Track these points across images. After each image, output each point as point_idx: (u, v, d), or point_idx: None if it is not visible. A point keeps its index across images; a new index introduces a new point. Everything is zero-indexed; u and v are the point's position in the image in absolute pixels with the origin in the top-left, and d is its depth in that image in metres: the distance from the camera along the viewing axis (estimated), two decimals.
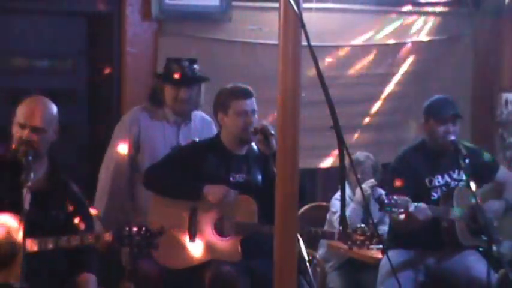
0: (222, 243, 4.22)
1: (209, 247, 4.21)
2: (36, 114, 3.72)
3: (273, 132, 4.18)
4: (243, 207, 4.25)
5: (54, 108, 3.81)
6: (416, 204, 4.34)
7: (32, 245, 3.50)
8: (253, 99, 4.37)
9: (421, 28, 6.52)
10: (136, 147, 4.65)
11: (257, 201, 4.27)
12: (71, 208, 3.76)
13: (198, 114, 4.83)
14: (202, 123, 4.83)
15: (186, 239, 4.22)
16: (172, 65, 4.68)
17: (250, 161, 4.40)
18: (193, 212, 4.24)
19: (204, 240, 4.22)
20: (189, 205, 4.26)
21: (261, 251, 4.13)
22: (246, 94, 4.36)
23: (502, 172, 4.87)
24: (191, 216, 4.23)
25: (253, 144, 4.46)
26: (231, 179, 4.34)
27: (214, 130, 4.78)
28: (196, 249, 4.20)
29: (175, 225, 4.22)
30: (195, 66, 4.71)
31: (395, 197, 4.30)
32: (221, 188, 4.25)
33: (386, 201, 4.29)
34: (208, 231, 4.23)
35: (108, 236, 3.61)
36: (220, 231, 4.24)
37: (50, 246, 3.55)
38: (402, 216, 4.31)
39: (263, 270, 3.97)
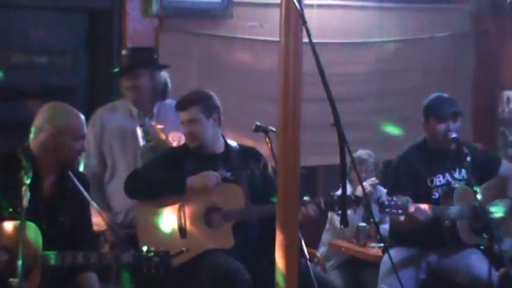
0: (214, 233, 4.24)
1: (201, 239, 4.23)
2: (84, 124, 3.77)
3: (273, 129, 4.17)
4: (229, 195, 4.27)
5: None
6: (416, 205, 4.32)
7: (48, 259, 3.51)
8: (190, 109, 4.32)
9: (422, 25, 6.51)
10: (100, 145, 4.65)
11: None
12: (78, 215, 3.77)
13: (167, 104, 4.73)
14: (173, 111, 4.71)
15: (177, 237, 4.22)
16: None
17: (231, 158, 4.39)
18: (181, 209, 4.24)
19: (195, 234, 4.24)
20: (175, 203, 4.26)
21: (253, 234, 4.24)
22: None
23: (505, 166, 4.85)
24: (179, 214, 4.24)
25: (231, 142, 4.48)
26: None
27: None
28: (188, 244, 4.19)
29: (165, 227, 4.23)
30: (138, 53, 4.70)
31: (395, 198, 4.29)
32: (204, 174, 4.25)
33: (386, 202, 4.27)
34: (198, 225, 4.24)
35: (127, 257, 3.61)
36: (209, 222, 4.25)
37: (68, 261, 3.55)
38: (402, 218, 4.30)
39: (260, 259, 4.02)
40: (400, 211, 4.28)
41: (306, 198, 4.31)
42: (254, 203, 4.27)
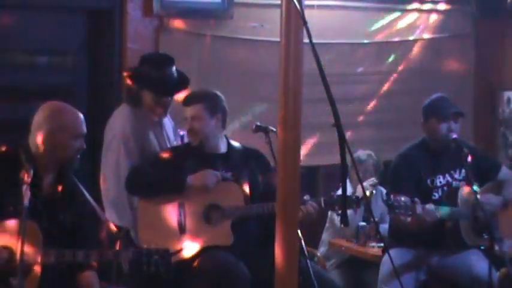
0: (213, 230, 4.26)
1: (200, 237, 4.25)
2: (82, 122, 3.77)
3: (274, 129, 4.18)
4: (228, 193, 4.30)
5: None
6: (423, 205, 4.32)
7: (48, 257, 3.51)
8: (194, 105, 4.33)
9: (423, 26, 6.52)
10: (140, 152, 4.55)
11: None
12: (78, 213, 3.77)
13: None
14: None
15: (176, 233, 4.25)
16: (151, 70, 4.48)
17: (232, 159, 4.40)
18: (181, 206, 4.26)
19: (195, 231, 4.26)
20: (175, 201, 4.28)
21: (253, 233, 4.28)
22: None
23: (504, 172, 4.85)
24: (179, 211, 4.26)
25: (234, 142, 4.49)
26: None
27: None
28: (187, 241, 4.23)
29: (165, 223, 4.25)
30: (174, 68, 4.54)
31: (403, 199, 4.28)
32: (203, 172, 4.26)
33: (395, 203, 4.26)
34: (198, 222, 4.26)
35: (127, 255, 3.63)
36: (209, 219, 4.27)
37: (67, 259, 3.56)
38: (409, 219, 4.29)
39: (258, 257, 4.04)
40: (409, 212, 4.27)
41: (306, 197, 4.33)
42: (254, 202, 4.29)
